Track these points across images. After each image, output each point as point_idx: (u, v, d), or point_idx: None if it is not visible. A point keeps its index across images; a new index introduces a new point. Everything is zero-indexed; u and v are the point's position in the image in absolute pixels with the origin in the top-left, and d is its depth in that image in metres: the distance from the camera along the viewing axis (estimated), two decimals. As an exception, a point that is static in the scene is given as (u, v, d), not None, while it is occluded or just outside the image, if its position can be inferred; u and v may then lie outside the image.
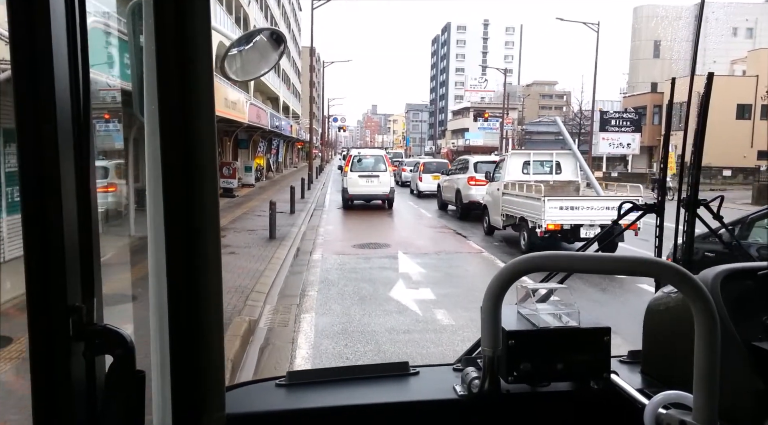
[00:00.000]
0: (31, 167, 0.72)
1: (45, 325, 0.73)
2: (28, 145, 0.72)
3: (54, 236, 0.72)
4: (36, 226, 0.72)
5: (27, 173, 0.72)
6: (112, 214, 12.55)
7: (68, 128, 0.74)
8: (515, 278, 0.92)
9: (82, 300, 0.76)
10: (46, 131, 0.71)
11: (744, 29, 54.65)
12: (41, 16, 0.69)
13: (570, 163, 12.65)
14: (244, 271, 8.23)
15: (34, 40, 0.70)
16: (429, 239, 12.54)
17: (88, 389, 0.77)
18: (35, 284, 0.73)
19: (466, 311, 6.55)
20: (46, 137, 0.71)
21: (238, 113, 18.84)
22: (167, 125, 0.85)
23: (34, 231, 0.73)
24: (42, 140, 0.71)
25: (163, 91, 0.84)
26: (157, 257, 0.88)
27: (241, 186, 23.81)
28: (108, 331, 0.77)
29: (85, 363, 0.77)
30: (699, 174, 1.80)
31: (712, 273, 1.17)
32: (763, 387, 1.03)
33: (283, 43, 1.33)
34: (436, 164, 24.78)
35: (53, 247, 0.72)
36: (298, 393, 1.19)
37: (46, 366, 0.74)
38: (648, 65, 54.06)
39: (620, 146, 40.78)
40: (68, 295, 0.73)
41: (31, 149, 0.72)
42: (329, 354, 5.23)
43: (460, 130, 74.32)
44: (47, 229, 0.72)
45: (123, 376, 0.78)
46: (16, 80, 0.71)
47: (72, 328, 0.74)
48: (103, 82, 5.98)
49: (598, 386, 1.15)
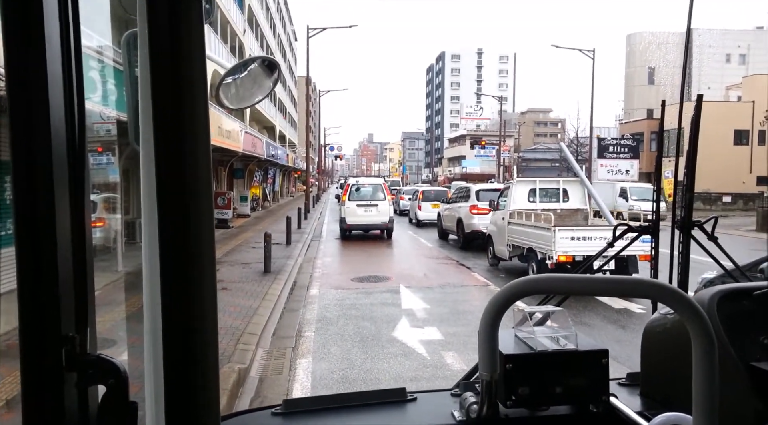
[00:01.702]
0: (26, 197, 0.73)
1: (38, 355, 0.74)
2: (21, 176, 0.73)
3: (48, 266, 0.73)
4: (30, 256, 0.73)
5: (21, 203, 0.73)
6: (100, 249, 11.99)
7: (63, 159, 0.75)
8: (512, 301, 0.91)
9: (75, 330, 0.76)
10: (40, 163, 0.72)
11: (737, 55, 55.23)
12: (36, 48, 0.71)
13: (577, 190, 12.20)
14: (236, 309, 7.65)
15: (27, 70, 0.72)
16: (432, 271, 11.99)
17: (80, 420, 0.77)
18: (29, 314, 0.73)
19: (476, 353, 5.97)
20: (40, 169, 0.73)
21: (233, 142, 18.49)
22: (162, 154, 0.83)
23: (28, 260, 0.73)
24: (36, 171, 0.73)
25: (158, 120, 0.82)
26: (152, 286, 0.84)
27: (236, 217, 23.32)
28: (101, 361, 0.77)
29: (78, 393, 0.77)
30: (692, 196, 1.82)
31: (709, 294, 1.17)
32: (762, 407, 1.04)
33: (278, 71, 1.34)
34: (435, 192, 24.36)
35: (47, 276, 0.73)
36: (294, 422, 1.19)
37: (39, 397, 0.74)
38: (643, 92, 54.38)
39: (619, 172, 40.50)
40: (62, 325, 0.74)
41: (25, 179, 0.73)
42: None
43: (457, 157, 74.42)
44: (41, 258, 0.73)
45: (116, 407, 0.78)
46: (12, 112, 0.72)
47: (65, 358, 0.74)
48: (97, 114, 6.17)
49: (598, 409, 1.14)
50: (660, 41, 53.28)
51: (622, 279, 0.88)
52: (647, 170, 41.10)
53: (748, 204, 36.32)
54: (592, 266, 2.64)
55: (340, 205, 19.19)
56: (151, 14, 0.80)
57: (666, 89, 48.80)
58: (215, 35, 23.10)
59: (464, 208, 15.96)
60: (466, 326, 7.33)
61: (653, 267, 2.04)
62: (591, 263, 2.40)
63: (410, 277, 11.10)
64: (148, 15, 0.80)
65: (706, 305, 1.14)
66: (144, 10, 0.80)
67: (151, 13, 0.80)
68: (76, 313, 0.76)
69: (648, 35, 55.45)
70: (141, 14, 0.82)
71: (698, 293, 1.20)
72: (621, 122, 53.96)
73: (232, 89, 1.27)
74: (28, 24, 0.72)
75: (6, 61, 0.71)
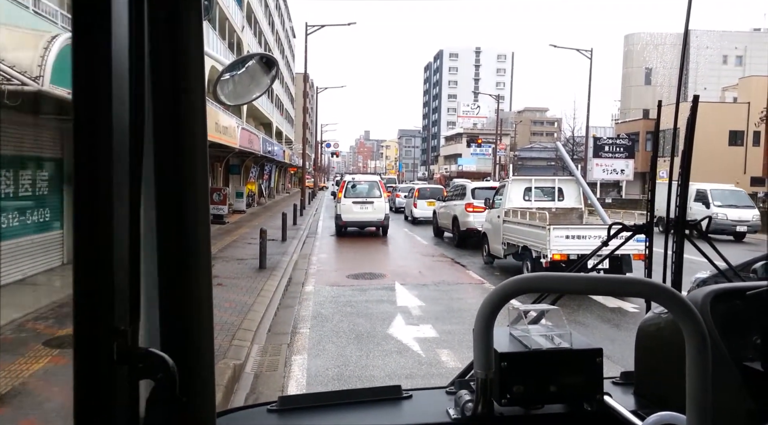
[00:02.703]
0: (85, 194, 0.74)
1: (91, 348, 0.74)
2: (83, 174, 0.73)
3: (104, 261, 0.73)
4: (87, 251, 0.74)
5: (81, 199, 0.74)
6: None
7: (124, 158, 0.76)
8: (507, 299, 0.92)
9: (128, 323, 0.76)
10: (101, 161, 0.73)
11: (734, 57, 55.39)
12: (102, 48, 0.73)
13: (573, 189, 12.23)
14: (232, 305, 7.65)
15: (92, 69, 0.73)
16: (427, 269, 12.00)
17: (130, 413, 0.78)
18: (83, 307, 0.74)
19: (471, 351, 5.99)
20: (101, 168, 0.73)
21: (230, 138, 18.42)
22: (159, 149, 0.83)
23: (85, 255, 0.74)
24: (97, 169, 0.73)
25: (156, 116, 0.82)
26: (148, 281, 0.84)
27: (232, 212, 23.26)
28: (151, 355, 0.77)
29: (128, 386, 0.77)
30: (687, 195, 1.82)
31: (702, 293, 1.18)
32: (754, 407, 1.04)
33: (275, 68, 1.35)
34: (431, 190, 24.36)
35: (102, 271, 0.74)
36: (289, 419, 1.18)
37: (90, 389, 0.74)
38: (640, 92, 54.46)
39: (614, 172, 40.65)
40: (115, 318, 0.74)
41: (85, 176, 0.73)
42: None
43: (453, 155, 74.40)
44: (98, 254, 0.74)
45: (164, 401, 0.78)
46: (76, 111, 0.73)
47: (116, 352, 0.74)
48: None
49: (592, 408, 1.14)
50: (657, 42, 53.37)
51: (617, 278, 0.88)
52: (642, 170, 41.22)
53: (743, 205, 36.42)
54: (586, 265, 2.65)
55: (335, 202, 19.17)
56: (150, 11, 0.80)
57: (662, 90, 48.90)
58: (213, 32, 23.02)
59: (460, 206, 15.97)
60: (461, 324, 7.35)
61: (647, 267, 2.04)
62: (585, 262, 2.41)
63: (405, 274, 11.11)
64: (147, 12, 0.80)
65: (700, 305, 1.14)
66: (143, 7, 0.80)
67: (151, 10, 0.80)
68: (130, 306, 0.77)
69: (646, 36, 55.52)
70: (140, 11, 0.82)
71: (692, 292, 1.21)
72: (617, 122, 54.10)
73: (229, 86, 1.27)
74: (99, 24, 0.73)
75: (74, 61, 0.73)
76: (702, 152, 5.40)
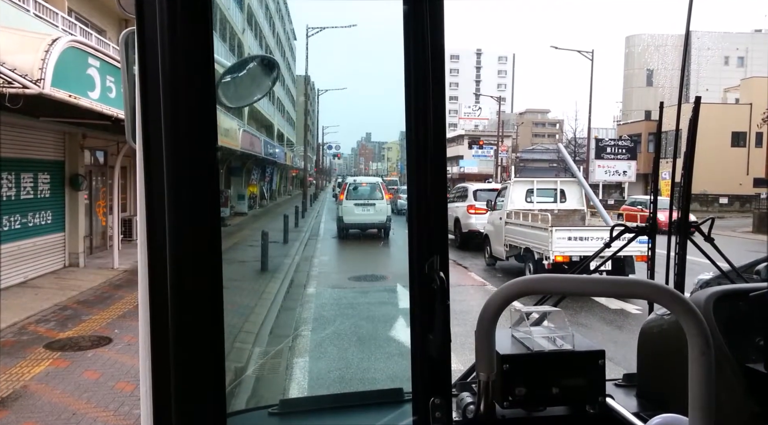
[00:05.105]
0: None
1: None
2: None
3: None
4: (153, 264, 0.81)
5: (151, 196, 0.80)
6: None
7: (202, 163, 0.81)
8: (509, 301, 0.91)
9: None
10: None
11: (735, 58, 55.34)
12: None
13: (575, 191, 12.21)
14: (234, 307, 7.64)
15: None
16: (428, 271, 11.97)
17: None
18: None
19: (473, 353, 5.98)
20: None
21: (231, 140, 18.43)
22: (171, 153, 0.84)
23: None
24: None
25: (167, 118, 0.83)
26: (143, 284, 0.87)
27: (234, 215, 23.28)
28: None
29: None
30: (689, 197, 1.82)
31: (705, 295, 1.17)
32: (758, 409, 1.04)
33: (276, 70, 1.34)
34: (433, 192, 24.29)
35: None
36: (291, 422, 1.18)
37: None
38: (641, 93, 54.44)
39: (616, 173, 40.57)
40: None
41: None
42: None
43: (455, 157, 74.32)
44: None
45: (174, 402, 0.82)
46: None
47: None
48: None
49: (594, 410, 1.13)
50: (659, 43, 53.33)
51: (619, 280, 0.87)
52: (644, 171, 41.16)
53: (745, 206, 36.42)
54: (588, 266, 2.65)
55: (337, 203, 19.18)
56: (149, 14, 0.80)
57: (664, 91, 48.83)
58: (214, 34, 23.05)
59: (461, 208, 15.95)
60: (463, 326, 7.33)
61: (650, 268, 2.03)
62: (588, 263, 2.41)
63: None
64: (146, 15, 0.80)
65: (702, 307, 1.13)
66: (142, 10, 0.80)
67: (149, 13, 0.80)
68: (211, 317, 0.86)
69: (647, 37, 55.48)
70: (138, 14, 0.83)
71: (694, 294, 1.20)
72: (619, 123, 54.00)
73: (230, 88, 1.27)
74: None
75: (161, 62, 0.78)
76: (704, 153, 5.42)
